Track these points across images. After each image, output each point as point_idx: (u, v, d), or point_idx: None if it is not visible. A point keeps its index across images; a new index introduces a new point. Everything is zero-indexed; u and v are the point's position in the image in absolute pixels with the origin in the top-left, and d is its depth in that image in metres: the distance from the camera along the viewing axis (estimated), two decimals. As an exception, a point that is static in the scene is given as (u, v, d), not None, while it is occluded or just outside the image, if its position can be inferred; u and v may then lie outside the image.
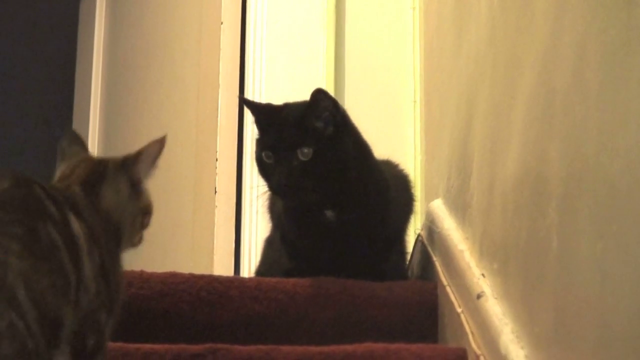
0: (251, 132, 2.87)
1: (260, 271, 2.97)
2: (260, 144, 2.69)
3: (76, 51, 4.84)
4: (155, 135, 2.15)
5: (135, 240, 2.17)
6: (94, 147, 4.57)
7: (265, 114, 2.72)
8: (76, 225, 1.93)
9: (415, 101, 3.34)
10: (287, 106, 2.71)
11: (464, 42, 2.72)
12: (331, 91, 3.44)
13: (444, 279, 2.59)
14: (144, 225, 2.18)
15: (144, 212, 2.18)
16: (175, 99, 3.96)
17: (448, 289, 2.54)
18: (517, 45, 2.26)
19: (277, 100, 2.78)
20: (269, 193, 2.75)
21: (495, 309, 2.24)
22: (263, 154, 2.67)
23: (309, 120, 2.64)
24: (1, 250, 1.74)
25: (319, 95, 2.65)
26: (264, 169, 2.68)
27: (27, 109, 5.80)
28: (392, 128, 3.25)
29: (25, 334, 1.77)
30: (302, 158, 2.61)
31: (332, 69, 3.53)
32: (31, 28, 5.72)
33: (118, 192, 2.14)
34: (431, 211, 2.83)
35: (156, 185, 2.16)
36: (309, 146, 2.61)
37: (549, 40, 2.07)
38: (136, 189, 2.15)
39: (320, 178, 2.64)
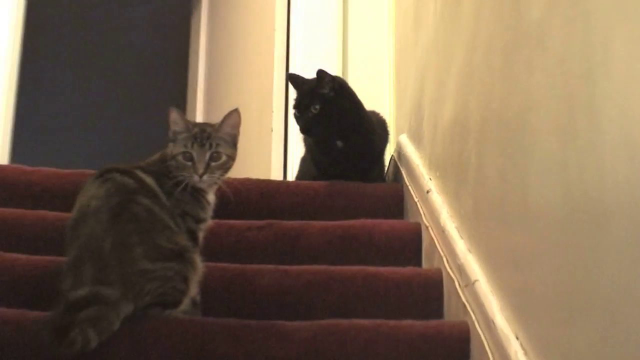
0: (292, 95, 2.87)
1: (298, 177, 2.97)
2: (293, 106, 2.70)
3: (189, 48, 4.82)
4: (237, 97, 2.13)
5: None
6: (200, 109, 4.59)
7: (298, 86, 2.72)
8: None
9: (390, 74, 3.33)
10: (307, 81, 2.70)
11: (419, 38, 2.71)
12: (340, 69, 3.45)
13: (407, 181, 2.60)
14: None
15: None
16: (248, 76, 3.97)
17: (410, 187, 2.55)
18: (451, 40, 2.26)
19: (309, 74, 2.76)
20: None
21: (437, 199, 2.27)
22: (294, 112, 2.69)
23: (317, 89, 2.63)
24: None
25: (321, 73, 2.64)
26: (296, 120, 2.70)
27: (153, 90, 5.76)
28: (376, 90, 3.25)
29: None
30: (313, 111, 2.63)
31: (341, 55, 3.53)
32: (159, 34, 5.69)
33: None
34: (400, 141, 2.84)
35: (242, 124, 2.12)
36: (317, 104, 2.62)
37: (470, 37, 2.08)
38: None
39: (326, 122, 2.64)
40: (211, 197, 2.04)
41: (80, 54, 5.83)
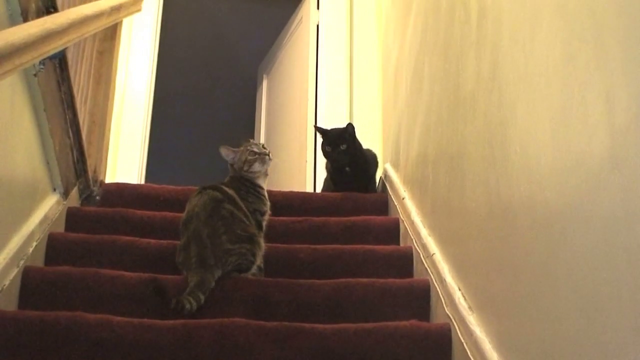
0: (318, 140, 2.79)
1: (322, 190, 2.89)
2: (323, 144, 2.64)
3: (255, 108, 4.77)
4: (285, 140, 2.12)
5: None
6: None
7: (322, 133, 2.67)
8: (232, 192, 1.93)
9: (379, 125, 3.25)
10: (331, 130, 2.66)
11: (397, 102, 2.68)
12: (349, 118, 3.41)
13: (390, 192, 2.55)
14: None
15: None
16: (291, 126, 3.89)
17: (392, 196, 2.50)
18: (417, 104, 2.23)
19: (329, 125, 2.73)
20: (325, 160, 2.72)
21: (409, 203, 2.22)
22: (326, 147, 2.62)
23: (344, 134, 2.60)
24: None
25: (348, 126, 2.61)
26: (325, 153, 2.64)
27: (234, 133, 5.66)
28: (371, 135, 3.13)
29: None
30: (342, 148, 2.59)
31: (349, 113, 3.48)
32: (240, 98, 5.62)
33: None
34: (385, 167, 2.78)
35: (287, 158, 2.14)
36: (345, 144, 2.59)
37: (428, 102, 2.05)
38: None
39: (348, 156, 2.59)
40: (266, 194, 2.04)
41: (190, 104, 5.80)
